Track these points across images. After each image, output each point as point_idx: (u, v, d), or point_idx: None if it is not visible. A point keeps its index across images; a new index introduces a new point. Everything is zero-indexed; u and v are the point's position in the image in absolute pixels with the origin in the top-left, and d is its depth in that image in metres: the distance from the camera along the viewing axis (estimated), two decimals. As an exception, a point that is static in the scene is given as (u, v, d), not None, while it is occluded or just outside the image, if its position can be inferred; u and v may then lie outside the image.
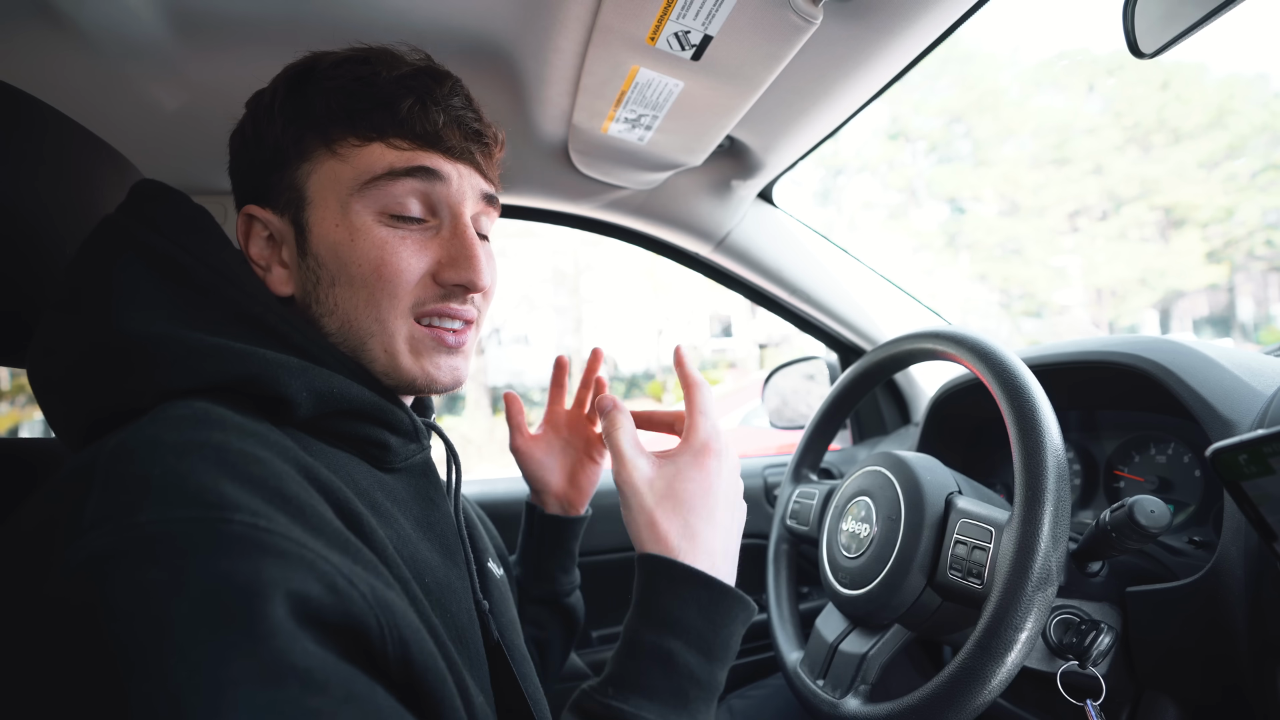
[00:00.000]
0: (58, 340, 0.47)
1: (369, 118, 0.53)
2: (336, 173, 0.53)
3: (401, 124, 0.54)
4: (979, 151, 16.38)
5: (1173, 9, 0.62)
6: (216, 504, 0.34)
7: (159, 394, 0.43)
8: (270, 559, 0.34)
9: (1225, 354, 0.78)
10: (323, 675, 0.32)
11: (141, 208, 0.51)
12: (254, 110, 0.57)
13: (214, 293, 0.49)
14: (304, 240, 0.55)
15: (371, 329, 0.54)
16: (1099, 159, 14.50)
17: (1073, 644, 0.69)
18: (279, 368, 0.47)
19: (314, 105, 0.54)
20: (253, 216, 0.56)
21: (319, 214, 0.54)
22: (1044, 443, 0.62)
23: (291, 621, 0.32)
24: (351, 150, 0.53)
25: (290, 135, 0.54)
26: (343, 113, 0.53)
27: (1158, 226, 14.02)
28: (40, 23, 0.72)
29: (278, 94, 0.55)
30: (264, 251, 0.57)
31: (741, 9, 0.67)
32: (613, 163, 1.05)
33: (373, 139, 0.53)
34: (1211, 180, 13.21)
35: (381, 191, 0.54)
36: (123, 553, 0.32)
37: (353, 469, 0.52)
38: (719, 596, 0.53)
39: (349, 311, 0.54)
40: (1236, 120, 13.06)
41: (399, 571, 0.45)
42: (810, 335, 1.52)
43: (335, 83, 0.54)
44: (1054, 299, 15.39)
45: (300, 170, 0.54)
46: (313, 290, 0.55)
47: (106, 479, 0.35)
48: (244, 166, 0.58)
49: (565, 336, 16.81)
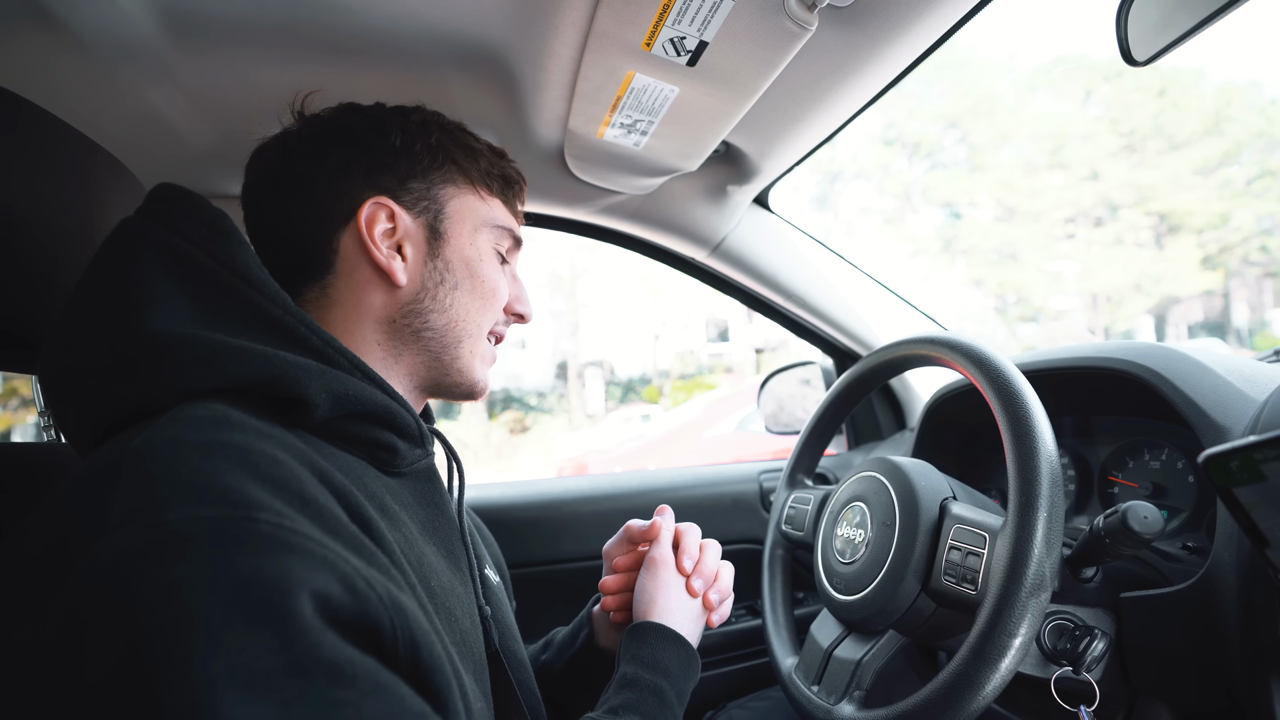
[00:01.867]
0: (74, 340, 0.47)
1: (499, 183, 0.68)
2: (474, 207, 0.66)
3: (514, 198, 0.71)
4: (975, 157, 16.44)
5: (1166, 17, 0.62)
6: (242, 503, 0.35)
7: (181, 394, 0.44)
8: (295, 558, 0.35)
9: (1218, 360, 0.78)
10: (350, 669, 0.33)
11: (160, 210, 0.51)
12: (400, 122, 0.63)
13: (234, 295, 0.50)
14: (438, 244, 0.63)
15: (471, 332, 0.64)
16: (1095, 165, 14.58)
17: (1067, 650, 0.69)
18: (299, 370, 0.48)
19: (463, 153, 0.66)
20: (382, 205, 0.60)
21: (457, 229, 0.64)
22: (1038, 449, 0.62)
23: (317, 618, 0.33)
24: (489, 197, 0.67)
25: (439, 160, 0.64)
26: (485, 172, 0.67)
27: (1153, 232, 14.09)
28: (34, 26, 0.72)
29: (431, 128, 0.64)
30: (385, 239, 0.61)
31: (737, 15, 0.67)
32: (608, 168, 1.06)
33: (497, 197, 0.68)
34: (1207, 186, 13.28)
35: (499, 235, 0.67)
36: (152, 549, 0.33)
37: (361, 472, 0.53)
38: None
39: (460, 313, 0.63)
40: (1232, 127, 13.15)
41: (407, 575, 0.46)
42: (806, 340, 1.53)
43: (479, 146, 0.68)
44: (1050, 304, 15.45)
45: (444, 190, 0.64)
46: (433, 288, 0.62)
47: (134, 478, 0.36)
48: (376, 163, 0.61)
49: (562, 341, 16.80)
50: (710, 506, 1.40)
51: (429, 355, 0.63)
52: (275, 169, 0.61)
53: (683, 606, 0.72)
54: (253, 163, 0.63)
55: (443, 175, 0.64)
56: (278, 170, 0.61)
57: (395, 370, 0.62)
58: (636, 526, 0.80)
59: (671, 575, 0.73)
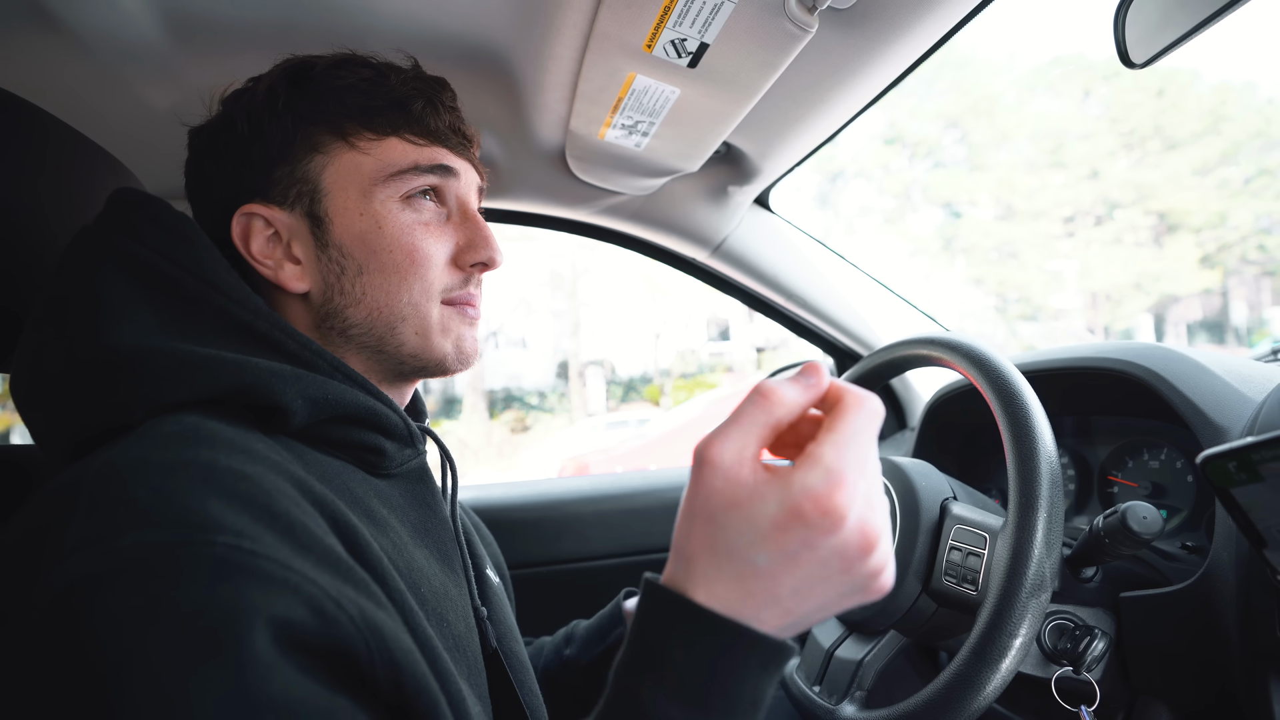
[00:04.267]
0: (40, 354, 0.46)
1: (384, 114, 0.56)
2: (357, 164, 0.55)
3: (415, 122, 0.57)
4: (975, 156, 16.43)
5: (1163, 19, 0.62)
6: (200, 525, 0.34)
7: (150, 409, 0.43)
8: (253, 583, 0.33)
9: (1217, 360, 0.79)
10: (299, 707, 0.32)
11: (121, 217, 0.50)
12: (247, 107, 0.56)
13: (201, 302, 0.48)
14: (323, 232, 0.55)
15: (404, 313, 0.56)
16: (1094, 164, 14.57)
17: (1067, 649, 0.70)
18: (272, 376, 0.46)
19: (324, 102, 0.55)
20: (252, 214, 0.55)
21: (339, 204, 0.55)
22: (1037, 450, 0.63)
23: (273, 649, 0.32)
24: (370, 144, 0.55)
25: (300, 130, 0.55)
26: (358, 109, 0.55)
27: (1152, 231, 14.08)
28: (36, 27, 0.72)
29: (277, 91, 0.55)
30: (268, 250, 0.55)
31: (738, 18, 0.67)
32: (610, 168, 1.06)
33: (388, 134, 0.56)
34: (1205, 186, 13.28)
35: (403, 182, 0.56)
36: (104, 577, 0.32)
37: (347, 477, 0.51)
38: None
39: (379, 298, 0.55)
40: (1230, 127, 13.14)
41: (394, 583, 0.45)
42: (807, 340, 1.53)
43: (344, 81, 0.55)
44: (1050, 303, 15.44)
45: (312, 163, 0.55)
46: (336, 282, 0.55)
47: (91, 500, 0.35)
48: (235, 164, 0.56)
49: (563, 340, 16.80)
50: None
51: (370, 350, 0.57)
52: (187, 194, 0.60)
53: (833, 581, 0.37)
54: None
55: (305, 144, 0.55)
56: (188, 190, 0.60)
57: (362, 368, 0.58)
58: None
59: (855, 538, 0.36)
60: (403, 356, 0.57)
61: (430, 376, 0.62)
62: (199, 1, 0.73)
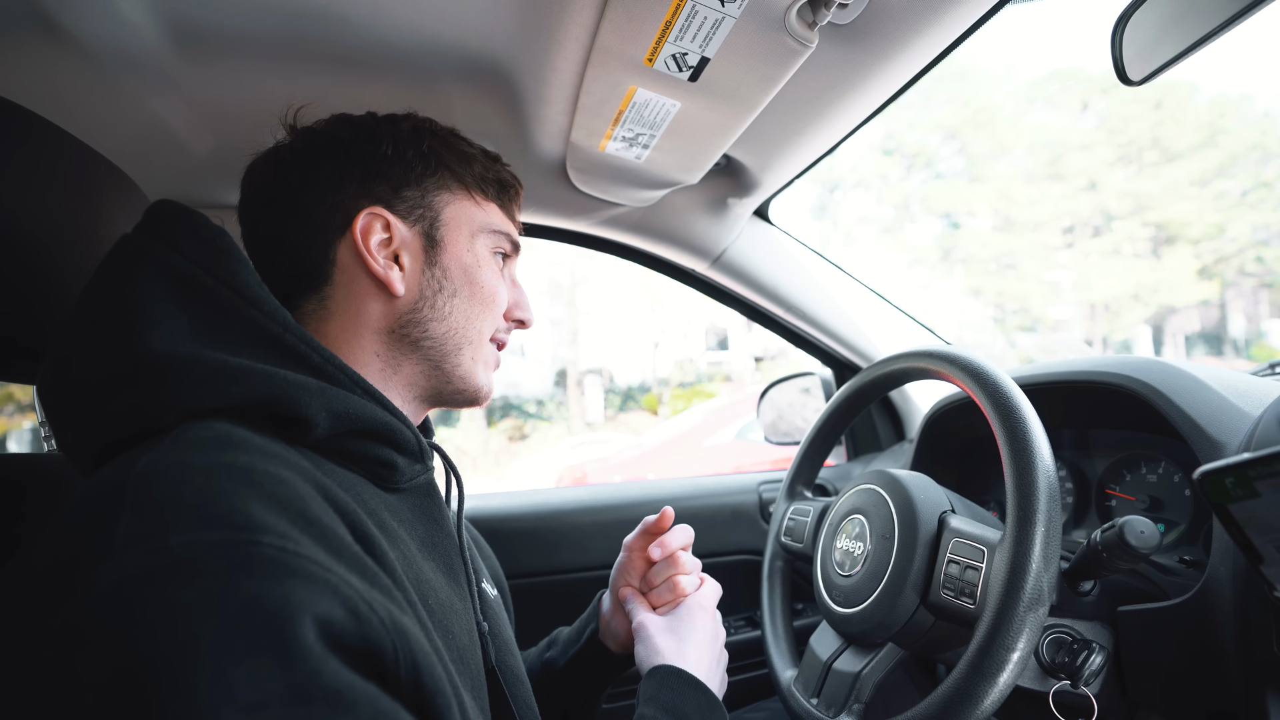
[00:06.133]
0: (73, 359, 0.47)
1: (495, 187, 0.68)
2: (471, 212, 0.65)
3: (510, 202, 0.70)
4: (973, 167, 16.52)
5: (1160, 37, 0.63)
6: (245, 526, 0.35)
7: (182, 414, 0.44)
8: (299, 581, 0.34)
9: (1214, 375, 0.79)
10: (350, 695, 0.33)
11: (159, 228, 0.51)
12: (393, 134, 0.63)
13: (234, 313, 0.50)
14: (435, 252, 0.63)
15: (472, 339, 0.64)
16: (1093, 175, 14.66)
17: (1065, 663, 0.70)
18: (299, 389, 0.48)
19: (458, 158, 0.65)
20: (377, 215, 0.60)
21: (453, 235, 0.64)
22: (1035, 463, 0.63)
23: (320, 644, 0.33)
24: (484, 202, 0.67)
25: (432, 167, 0.63)
26: (480, 176, 0.67)
27: (1150, 243, 14.15)
28: (38, 36, 0.73)
29: (423, 133, 0.64)
30: (381, 249, 0.61)
31: (738, 33, 0.68)
32: (610, 180, 1.06)
33: (494, 202, 0.68)
34: (1203, 197, 13.35)
35: (497, 240, 0.67)
36: (155, 574, 0.33)
37: (361, 489, 0.52)
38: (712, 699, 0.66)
39: (459, 320, 0.63)
40: (1227, 139, 13.23)
41: (408, 594, 0.46)
42: (806, 352, 1.53)
43: (472, 150, 0.67)
44: (1048, 314, 15.48)
45: (439, 197, 0.64)
46: (431, 297, 0.62)
47: (137, 501, 0.36)
48: (367, 173, 0.61)
49: (561, 348, 16.80)
50: (710, 517, 1.40)
51: (429, 364, 0.63)
52: (269, 183, 0.61)
53: (711, 657, 0.70)
54: (247, 178, 0.63)
55: (437, 182, 0.64)
56: (271, 185, 0.61)
57: (394, 381, 0.62)
58: (650, 520, 0.81)
59: (708, 622, 0.73)
60: (453, 378, 0.64)
61: (456, 406, 0.69)
62: (202, 11, 0.73)
